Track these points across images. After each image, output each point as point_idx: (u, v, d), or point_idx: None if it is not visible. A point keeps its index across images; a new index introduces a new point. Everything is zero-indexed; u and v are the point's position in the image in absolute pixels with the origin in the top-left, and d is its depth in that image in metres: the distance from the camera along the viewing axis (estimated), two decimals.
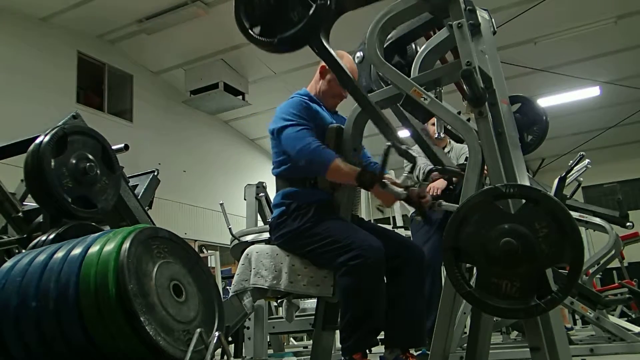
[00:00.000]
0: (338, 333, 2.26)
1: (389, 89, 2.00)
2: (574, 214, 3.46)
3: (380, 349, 2.21)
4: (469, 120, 1.74)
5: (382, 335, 2.12)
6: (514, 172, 1.64)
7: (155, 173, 3.47)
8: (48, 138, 2.26)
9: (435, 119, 2.20)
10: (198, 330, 1.63)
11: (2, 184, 2.88)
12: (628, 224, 3.82)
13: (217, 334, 1.68)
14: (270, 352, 4.15)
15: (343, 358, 1.98)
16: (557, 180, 3.64)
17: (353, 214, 2.28)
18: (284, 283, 2.11)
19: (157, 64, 9.45)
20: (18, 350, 1.64)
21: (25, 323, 1.61)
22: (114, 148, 2.57)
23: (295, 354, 4.10)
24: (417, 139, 2.14)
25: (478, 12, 1.84)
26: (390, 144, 1.87)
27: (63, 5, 7.51)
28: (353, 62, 2.25)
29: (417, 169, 3.18)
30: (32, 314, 1.59)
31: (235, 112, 10.34)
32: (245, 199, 4.15)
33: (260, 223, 4.07)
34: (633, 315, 5.89)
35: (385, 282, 2.10)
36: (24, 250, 2.12)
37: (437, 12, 1.91)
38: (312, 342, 2.25)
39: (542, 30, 8.06)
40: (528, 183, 1.61)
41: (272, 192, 2.66)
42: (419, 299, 2.16)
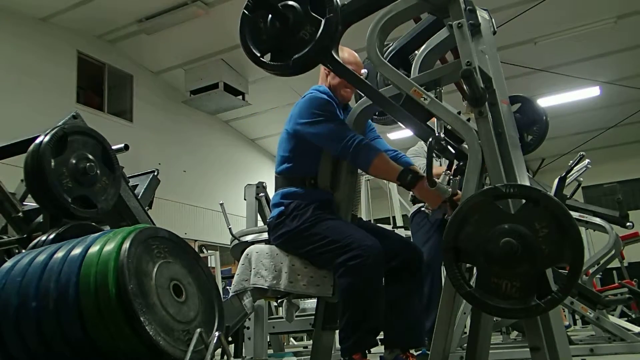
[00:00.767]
0: (338, 333, 2.26)
1: (389, 89, 2.00)
2: (574, 214, 3.46)
3: (380, 349, 2.21)
4: (469, 120, 1.74)
5: (381, 335, 2.12)
6: (514, 172, 1.63)
7: (155, 173, 3.46)
8: (48, 138, 2.26)
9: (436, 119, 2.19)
10: (198, 330, 1.63)
11: (2, 184, 2.87)
12: (628, 224, 3.82)
13: (217, 334, 1.68)
14: (270, 352, 4.14)
15: (343, 358, 1.98)
16: (557, 180, 3.64)
17: (353, 214, 2.28)
18: (284, 283, 2.11)
19: (157, 64, 9.46)
20: (18, 350, 1.64)
21: (25, 323, 1.60)
22: (114, 148, 2.57)
23: (295, 354, 4.10)
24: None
25: (478, 12, 1.84)
26: (433, 140, 1.75)
27: (63, 5, 7.52)
28: (354, 53, 2.26)
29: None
30: (32, 314, 1.59)
31: (235, 112, 10.35)
32: (245, 199, 4.14)
33: (260, 223, 4.06)
34: (633, 315, 5.90)
35: (385, 282, 2.09)
36: (24, 250, 2.11)
37: (437, 12, 1.91)
38: (312, 342, 2.24)
39: (542, 30, 8.06)
40: (528, 183, 1.61)
41: (272, 192, 2.66)
42: (419, 299, 2.16)
